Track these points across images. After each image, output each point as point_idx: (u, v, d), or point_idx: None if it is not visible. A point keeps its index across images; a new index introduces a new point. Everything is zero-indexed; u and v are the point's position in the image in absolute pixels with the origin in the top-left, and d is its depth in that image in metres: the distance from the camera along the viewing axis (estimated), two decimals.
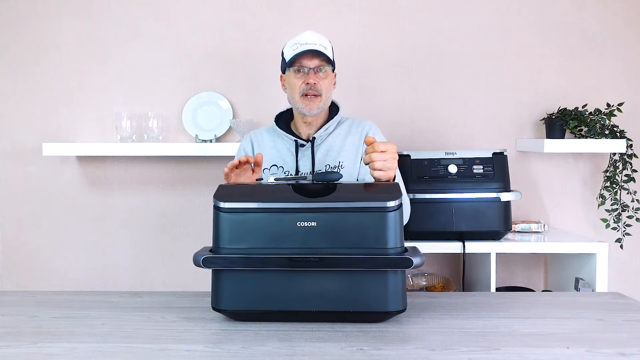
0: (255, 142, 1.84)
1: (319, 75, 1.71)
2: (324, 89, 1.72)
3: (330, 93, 1.77)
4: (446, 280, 2.54)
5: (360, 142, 1.78)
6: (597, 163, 2.61)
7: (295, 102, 1.74)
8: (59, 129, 2.62)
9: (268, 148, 1.81)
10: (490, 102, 2.61)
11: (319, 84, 1.71)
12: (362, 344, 1.14)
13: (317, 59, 1.71)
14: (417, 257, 1.23)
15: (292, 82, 1.73)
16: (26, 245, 2.67)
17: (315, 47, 1.69)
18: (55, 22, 2.60)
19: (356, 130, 1.81)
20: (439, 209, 2.21)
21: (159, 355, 1.11)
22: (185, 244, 2.64)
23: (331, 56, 1.74)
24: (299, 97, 1.72)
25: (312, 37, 1.72)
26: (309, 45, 1.69)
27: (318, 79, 1.71)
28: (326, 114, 1.81)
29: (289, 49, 1.73)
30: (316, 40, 1.71)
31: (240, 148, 1.87)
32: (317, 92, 1.71)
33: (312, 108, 1.72)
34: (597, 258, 2.18)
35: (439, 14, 2.59)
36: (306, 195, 1.33)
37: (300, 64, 1.71)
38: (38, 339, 1.20)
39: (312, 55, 1.70)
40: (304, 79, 1.71)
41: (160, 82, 2.61)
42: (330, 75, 1.75)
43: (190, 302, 1.48)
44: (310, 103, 1.71)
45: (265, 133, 1.86)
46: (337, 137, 1.79)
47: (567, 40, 2.59)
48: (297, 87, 1.72)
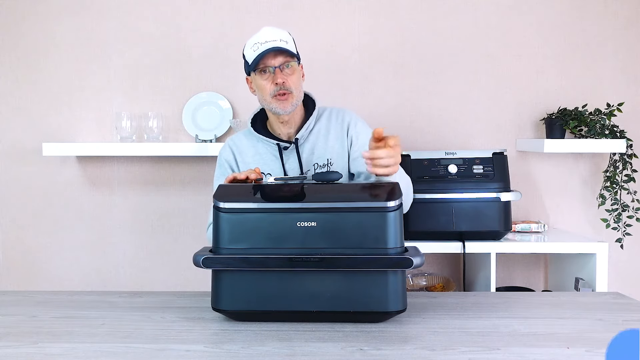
0: (236, 151, 1.75)
1: (286, 72, 1.64)
2: (293, 85, 1.64)
3: (301, 87, 1.70)
4: (446, 280, 2.54)
5: (342, 133, 1.72)
6: (597, 163, 2.61)
7: (267, 103, 1.67)
8: (59, 129, 2.62)
9: (250, 155, 1.74)
10: (490, 102, 2.61)
11: (288, 82, 1.63)
12: (362, 344, 1.14)
13: (280, 56, 1.63)
14: (417, 257, 1.23)
15: (260, 85, 1.66)
16: (26, 245, 2.67)
17: (277, 44, 1.61)
18: (55, 22, 2.60)
19: (336, 122, 1.74)
20: (439, 209, 2.21)
21: (159, 355, 1.11)
22: (185, 244, 2.63)
23: (294, 50, 1.66)
24: (270, 98, 1.65)
25: (270, 34, 1.63)
26: (269, 44, 1.61)
27: (286, 77, 1.63)
28: (302, 108, 1.74)
29: (249, 51, 1.65)
30: (275, 36, 1.63)
31: (222, 158, 1.77)
32: (288, 90, 1.63)
33: (287, 106, 1.64)
34: (597, 258, 2.18)
35: (439, 14, 2.59)
36: (306, 195, 1.33)
37: (264, 64, 1.63)
38: (38, 339, 1.20)
39: (275, 54, 1.62)
40: (272, 79, 1.63)
41: (160, 82, 2.61)
42: (297, 69, 1.68)
43: (190, 302, 1.48)
44: (283, 102, 1.64)
45: (244, 138, 1.77)
46: (319, 132, 1.73)
47: (567, 40, 2.59)
48: (266, 89, 1.64)
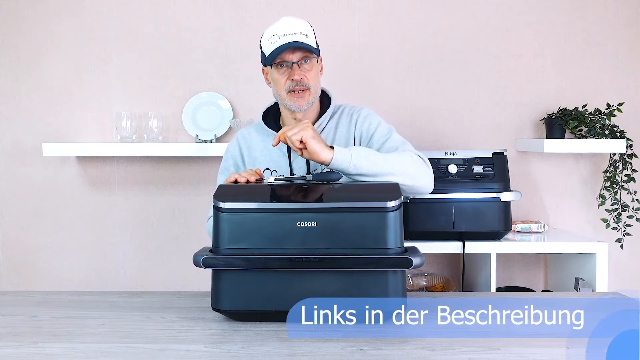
0: (244, 146, 1.71)
1: (304, 67, 1.57)
2: (311, 81, 1.57)
3: (319, 83, 1.63)
4: (446, 280, 2.54)
5: (349, 132, 1.66)
6: (597, 163, 2.61)
7: (282, 99, 1.60)
8: (59, 129, 2.62)
9: (258, 150, 1.69)
10: (490, 102, 2.61)
11: (305, 78, 1.56)
12: (362, 344, 1.14)
13: (299, 52, 1.55)
14: (417, 257, 1.23)
15: (276, 78, 1.59)
16: (26, 245, 2.67)
17: (296, 39, 1.53)
18: (55, 22, 2.60)
19: (345, 120, 1.68)
20: (439, 209, 2.21)
21: (159, 355, 1.11)
22: (185, 244, 2.63)
23: (314, 43, 1.58)
24: (285, 93, 1.58)
25: (290, 26, 1.56)
26: (288, 37, 1.53)
27: (304, 72, 1.56)
28: (317, 105, 1.67)
29: (267, 43, 1.58)
30: (295, 28, 1.55)
31: (228, 153, 1.73)
32: (305, 87, 1.57)
33: (302, 104, 1.58)
34: (597, 258, 2.18)
35: (439, 14, 2.59)
36: (306, 195, 1.33)
37: (281, 59, 1.56)
38: (38, 339, 1.20)
39: (293, 48, 1.54)
40: (288, 74, 1.56)
41: (160, 82, 2.61)
42: (316, 64, 1.60)
43: (190, 302, 1.48)
44: (298, 99, 1.58)
45: (254, 132, 1.73)
46: (330, 131, 1.67)
47: (567, 40, 2.59)
48: (282, 84, 1.57)
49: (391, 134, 1.64)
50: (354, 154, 1.43)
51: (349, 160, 1.43)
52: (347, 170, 1.43)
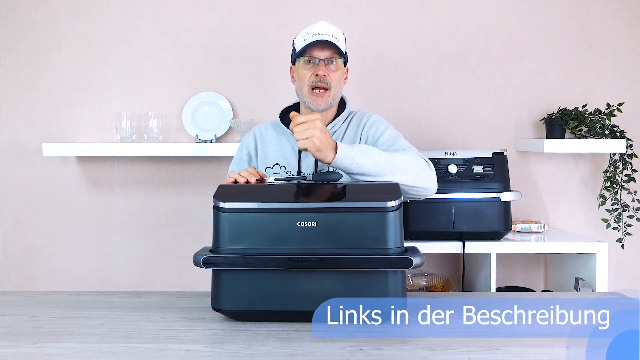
0: (259, 139, 1.78)
1: (330, 67, 1.66)
2: (333, 82, 1.66)
3: (340, 87, 1.71)
4: (446, 280, 2.54)
5: (356, 136, 1.71)
6: (597, 163, 2.61)
7: (303, 95, 1.68)
8: (59, 129, 2.62)
9: (272, 145, 1.75)
10: (490, 102, 2.61)
11: (329, 77, 1.65)
12: (362, 344, 1.15)
13: (328, 50, 1.65)
14: (417, 257, 1.23)
15: (301, 73, 1.67)
16: (26, 245, 2.67)
17: (327, 38, 1.63)
18: (55, 22, 2.60)
19: (354, 124, 1.74)
20: (439, 209, 2.21)
21: (159, 355, 1.11)
22: (185, 244, 2.63)
23: (344, 49, 1.68)
24: (307, 89, 1.66)
25: (324, 28, 1.66)
26: (320, 36, 1.63)
27: (328, 71, 1.65)
28: (335, 110, 1.75)
29: (300, 39, 1.67)
30: (329, 31, 1.65)
31: (243, 143, 1.80)
32: (327, 85, 1.65)
33: (320, 103, 1.65)
34: (597, 258, 2.18)
35: (439, 14, 2.59)
36: (306, 195, 1.33)
37: (310, 54, 1.65)
38: (38, 339, 1.20)
39: (323, 46, 1.64)
40: (314, 70, 1.65)
41: (160, 82, 2.61)
42: (342, 68, 1.69)
43: (190, 302, 1.48)
44: (318, 98, 1.65)
45: (271, 128, 1.80)
46: (339, 135, 1.73)
47: (567, 40, 2.59)
48: (306, 79, 1.66)
49: (397, 139, 1.68)
50: (356, 152, 1.45)
51: (352, 158, 1.44)
52: (350, 168, 1.45)
